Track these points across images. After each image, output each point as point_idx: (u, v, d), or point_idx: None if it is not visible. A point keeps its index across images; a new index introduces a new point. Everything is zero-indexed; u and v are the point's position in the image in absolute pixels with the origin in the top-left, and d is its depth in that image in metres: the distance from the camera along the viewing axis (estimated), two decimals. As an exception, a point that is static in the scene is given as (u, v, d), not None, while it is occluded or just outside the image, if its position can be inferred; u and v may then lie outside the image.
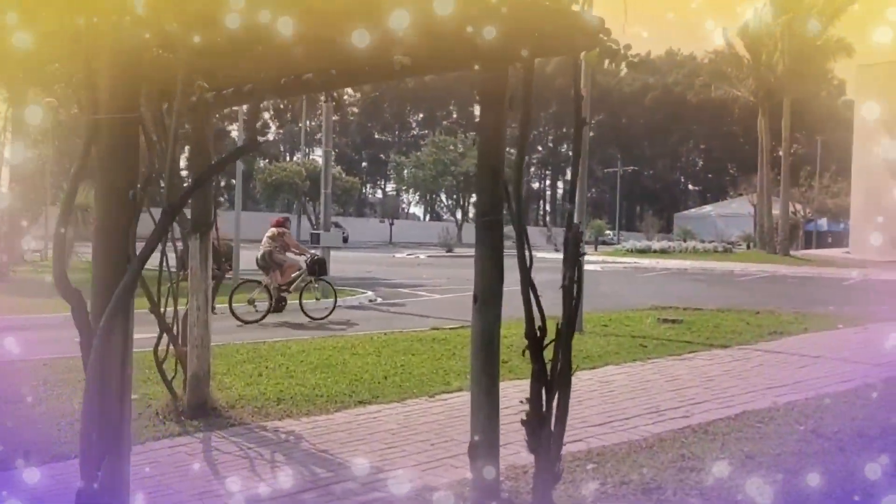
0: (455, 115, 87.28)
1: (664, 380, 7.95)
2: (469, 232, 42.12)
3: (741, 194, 69.65)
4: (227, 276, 16.54)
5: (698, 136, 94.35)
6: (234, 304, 12.89)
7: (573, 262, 4.14)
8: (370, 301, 16.82)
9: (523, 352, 3.96)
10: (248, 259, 17.37)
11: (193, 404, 6.27)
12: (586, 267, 12.99)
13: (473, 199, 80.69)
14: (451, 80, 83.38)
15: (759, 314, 13.70)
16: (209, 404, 6.34)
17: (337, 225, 25.09)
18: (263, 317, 12.95)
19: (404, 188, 72.27)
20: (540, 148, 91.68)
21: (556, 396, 3.91)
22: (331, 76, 5.62)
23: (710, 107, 71.34)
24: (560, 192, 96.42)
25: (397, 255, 38.39)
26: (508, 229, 4.18)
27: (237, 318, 12.69)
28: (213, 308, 8.83)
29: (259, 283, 13.56)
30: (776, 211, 39.23)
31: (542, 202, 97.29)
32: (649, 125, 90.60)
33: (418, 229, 70.65)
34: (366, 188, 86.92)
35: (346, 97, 67.96)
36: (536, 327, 3.95)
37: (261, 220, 30.73)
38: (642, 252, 37.43)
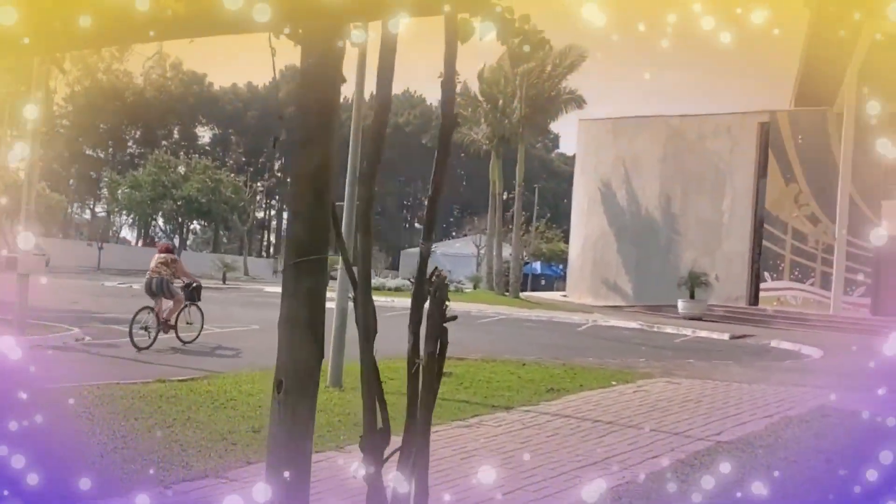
0: (176, 136, 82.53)
1: (459, 456, 6.54)
2: (193, 261, 38.95)
3: (466, 235, 71.59)
4: None
5: (427, 177, 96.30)
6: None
7: (440, 310, 3.06)
8: (77, 340, 14.06)
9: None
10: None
11: None
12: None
13: (195, 225, 76.53)
14: (173, 98, 78.87)
15: (526, 366, 12.81)
16: None
17: (37, 247, 21.75)
18: (153, 343, 13.28)
19: (117, 209, 66.67)
20: (266, 175, 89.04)
21: None
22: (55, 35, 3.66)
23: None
24: (286, 223, 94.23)
25: (107, 284, 34.37)
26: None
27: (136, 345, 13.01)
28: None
29: (151, 308, 13.72)
30: (505, 253, 40.03)
31: (266, 232, 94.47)
32: (383, 164, 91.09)
33: (131, 255, 65.16)
34: (73, 207, 79.41)
35: (55, 106, 61.26)
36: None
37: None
38: (377, 289, 36.30)
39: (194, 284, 14.86)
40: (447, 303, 3.23)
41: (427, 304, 3.07)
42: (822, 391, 11.17)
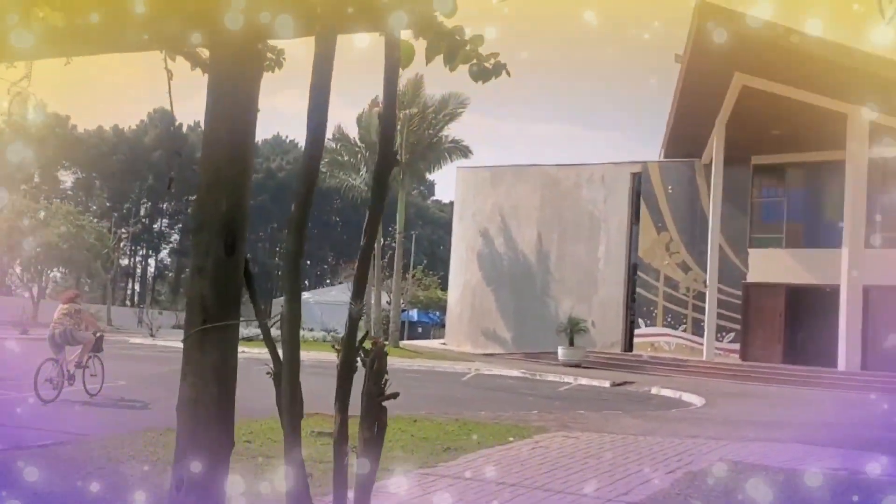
0: (37, 179, 78.48)
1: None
2: (52, 310, 36.50)
3: (341, 282, 70.62)
4: None
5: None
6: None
7: (377, 386, 2.68)
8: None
9: None
10: None
11: None
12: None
13: (55, 273, 72.42)
14: (34, 140, 74.96)
15: (418, 422, 12.23)
16: None
17: None
18: (58, 395, 12.97)
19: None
20: (132, 221, 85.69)
21: None
22: None
23: (325, 194, 71.69)
24: (152, 269, 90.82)
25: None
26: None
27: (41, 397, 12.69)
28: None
29: (55, 360, 13.36)
30: (382, 300, 39.41)
31: (131, 280, 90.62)
32: (251, 209, 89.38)
33: (-17, 305, 61.11)
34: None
35: None
36: None
37: None
38: (248, 340, 35.02)
39: (98, 334, 14.68)
40: (386, 376, 2.71)
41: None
42: (718, 443, 11.08)
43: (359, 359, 2.66)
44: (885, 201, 29.21)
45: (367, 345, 2.68)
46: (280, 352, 2.43)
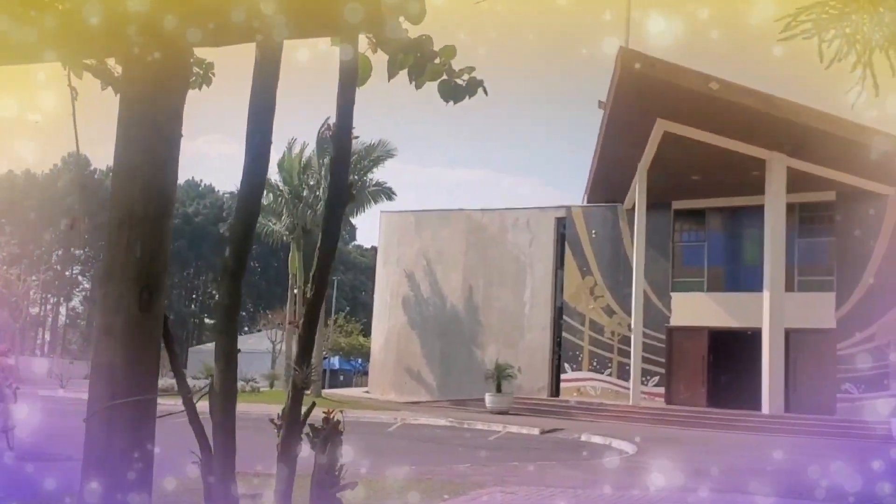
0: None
1: None
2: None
3: (260, 330, 69.11)
4: None
5: (217, 269, 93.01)
6: None
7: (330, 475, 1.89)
8: None
9: None
10: None
11: None
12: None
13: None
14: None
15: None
16: None
17: None
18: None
19: None
20: (43, 268, 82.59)
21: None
22: None
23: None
24: (64, 318, 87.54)
25: None
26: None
27: None
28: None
29: None
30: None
31: (42, 329, 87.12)
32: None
33: None
34: None
35: None
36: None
37: None
38: (164, 390, 33.59)
39: (17, 387, 14.43)
40: (340, 460, 2.20)
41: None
42: (661, 494, 10.77)
43: (305, 436, 2.15)
44: (803, 245, 29.86)
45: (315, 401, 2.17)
46: (210, 436, 1.91)
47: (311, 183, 36.29)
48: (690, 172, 29.34)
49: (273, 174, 37.98)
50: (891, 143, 24.81)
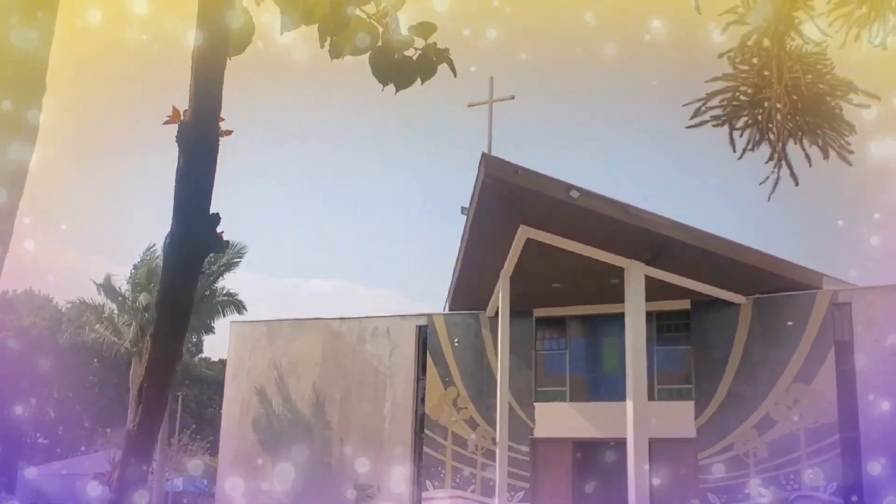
0: None
1: None
2: None
3: (97, 451, 64.18)
4: None
5: (52, 385, 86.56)
6: None
7: None
8: None
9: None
10: None
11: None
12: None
13: None
14: None
15: None
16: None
17: None
18: None
19: None
20: None
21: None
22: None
23: (81, 352, 65.66)
24: None
25: None
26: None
27: None
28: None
29: None
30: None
31: None
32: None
33: None
34: None
35: None
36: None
37: None
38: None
39: None
40: None
41: None
42: None
43: None
44: (662, 354, 30.07)
45: None
46: None
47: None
48: (552, 280, 29.24)
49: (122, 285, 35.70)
50: (743, 253, 25.51)
